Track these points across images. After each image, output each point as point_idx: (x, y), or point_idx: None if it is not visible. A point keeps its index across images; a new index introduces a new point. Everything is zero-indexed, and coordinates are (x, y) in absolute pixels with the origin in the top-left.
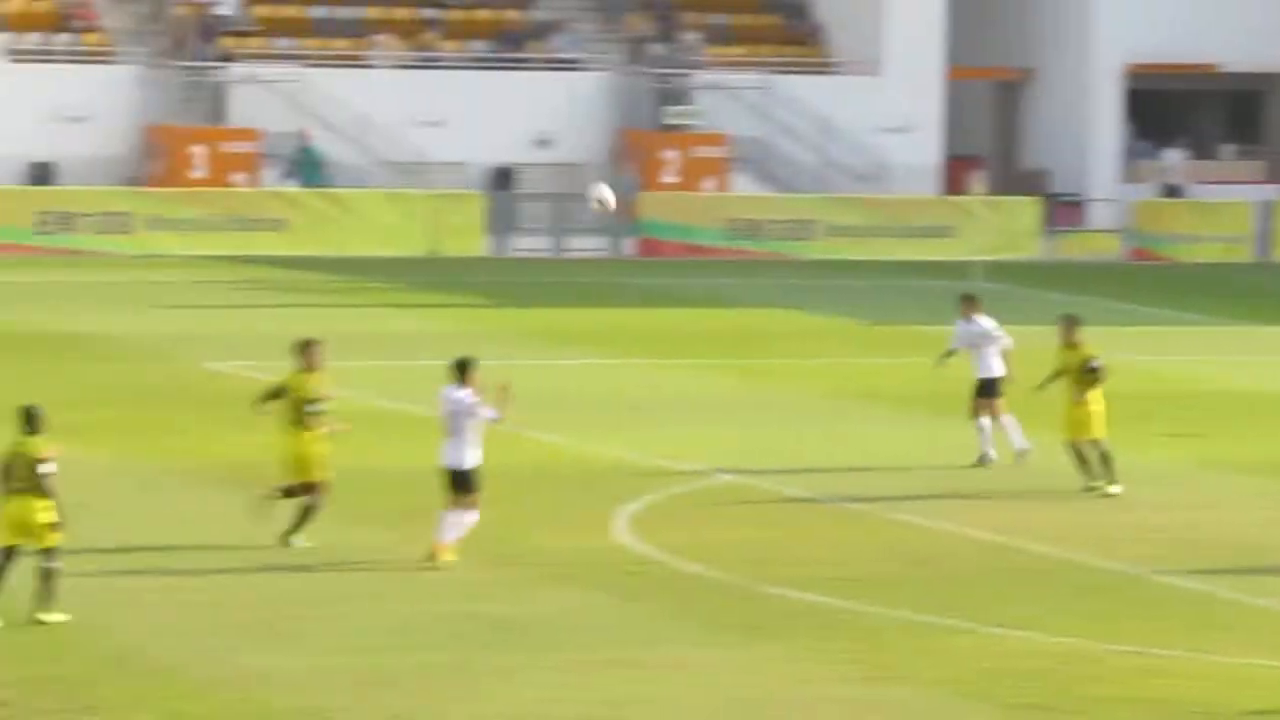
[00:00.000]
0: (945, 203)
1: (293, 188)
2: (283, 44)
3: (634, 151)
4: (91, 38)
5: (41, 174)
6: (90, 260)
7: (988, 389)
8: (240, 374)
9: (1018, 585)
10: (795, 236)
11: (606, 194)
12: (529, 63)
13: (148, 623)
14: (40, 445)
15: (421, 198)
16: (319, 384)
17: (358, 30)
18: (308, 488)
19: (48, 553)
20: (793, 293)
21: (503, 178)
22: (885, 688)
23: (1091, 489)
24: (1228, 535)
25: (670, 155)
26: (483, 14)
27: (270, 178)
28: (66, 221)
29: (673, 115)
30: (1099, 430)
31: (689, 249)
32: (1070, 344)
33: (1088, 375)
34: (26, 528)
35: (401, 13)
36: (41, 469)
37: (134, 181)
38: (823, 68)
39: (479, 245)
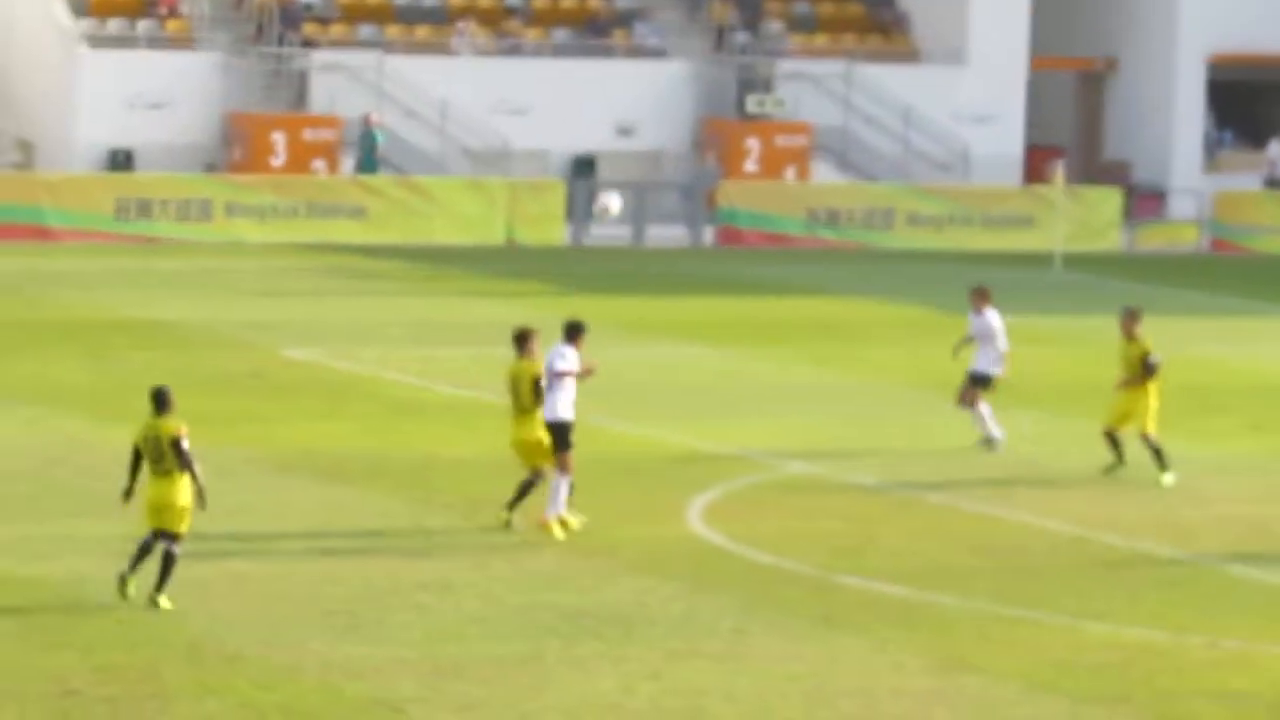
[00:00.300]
0: (1026, 193)
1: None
2: (365, 31)
3: (715, 140)
4: (173, 24)
5: (121, 161)
6: (169, 247)
7: (979, 381)
8: (319, 362)
9: (1092, 577)
10: (876, 226)
11: (613, 202)
12: (612, 51)
13: (220, 611)
14: (172, 424)
15: (501, 185)
16: (535, 369)
17: (440, 17)
18: (535, 472)
19: (174, 537)
20: (872, 282)
21: (584, 166)
22: (958, 678)
23: (1112, 470)
24: None
25: (752, 144)
26: (566, 1)
27: (348, 165)
28: (146, 208)
29: (755, 104)
30: (1151, 425)
31: (769, 238)
32: (1130, 336)
33: (1146, 370)
34: (165, 511)
35: (484, 0)
36: (180, 445)
37: (214, 168)
38: (906, 56)
39: (559, 233)
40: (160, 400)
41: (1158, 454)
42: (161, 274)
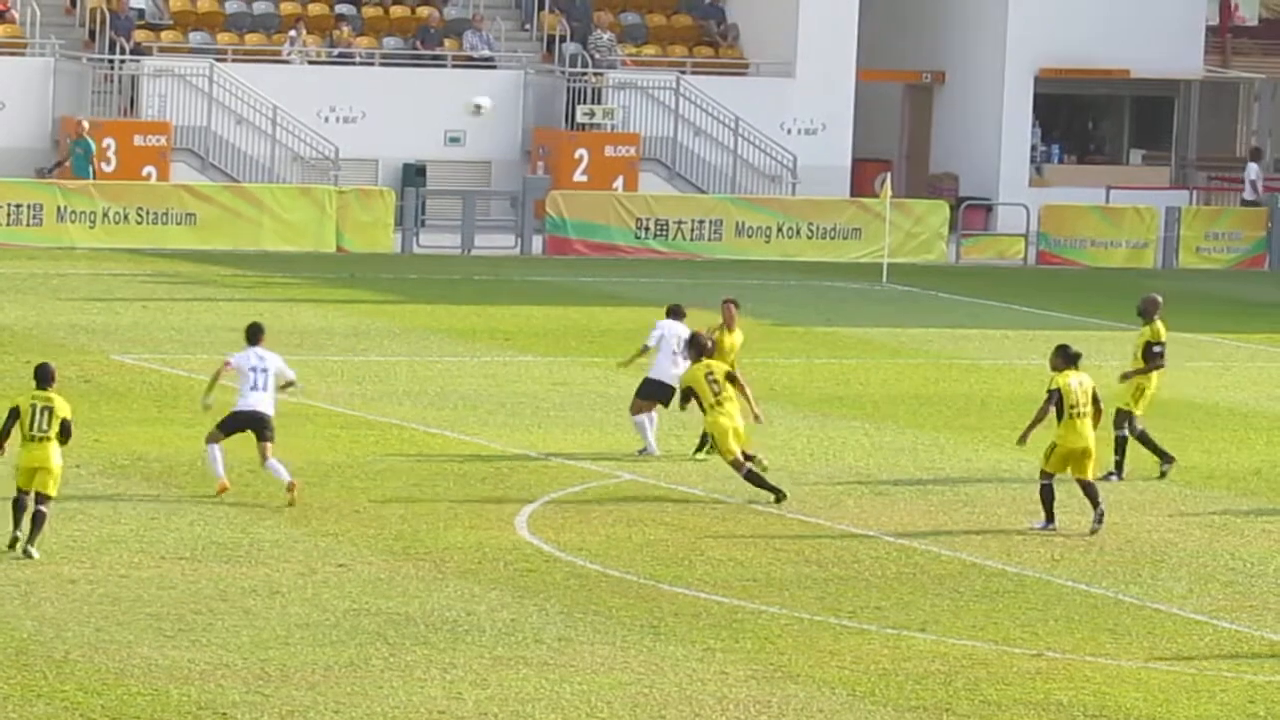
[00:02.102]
0: (854, 204)
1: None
2: (196, 38)
3: (545, 150)
4: (4, 28)
5: None
6: (0, 251)
7: (656, 391)
8: (149, 367)
9: (917, 587)
10: (705, 236)
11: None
12: (442, 60)
13: (48, 615)
14: (64, 404)
15: (331, 193)
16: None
17: (272, 25)
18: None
19: (46, 499)
20: (700, 292)
21: (414, 174)
22: (783, 687)
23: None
24: (1133, 538)
25: (581, 153)
26: (397, 10)
27: (179, 172)
28: None
29: (584, 114)
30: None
31: (597, 247)
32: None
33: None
34: (40, 474)
35: (316, 8)
36: (68, 424)
37: (44, 173)
38: (735, 68)
39: (388, 241)
40: (43, 375)
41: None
42: None
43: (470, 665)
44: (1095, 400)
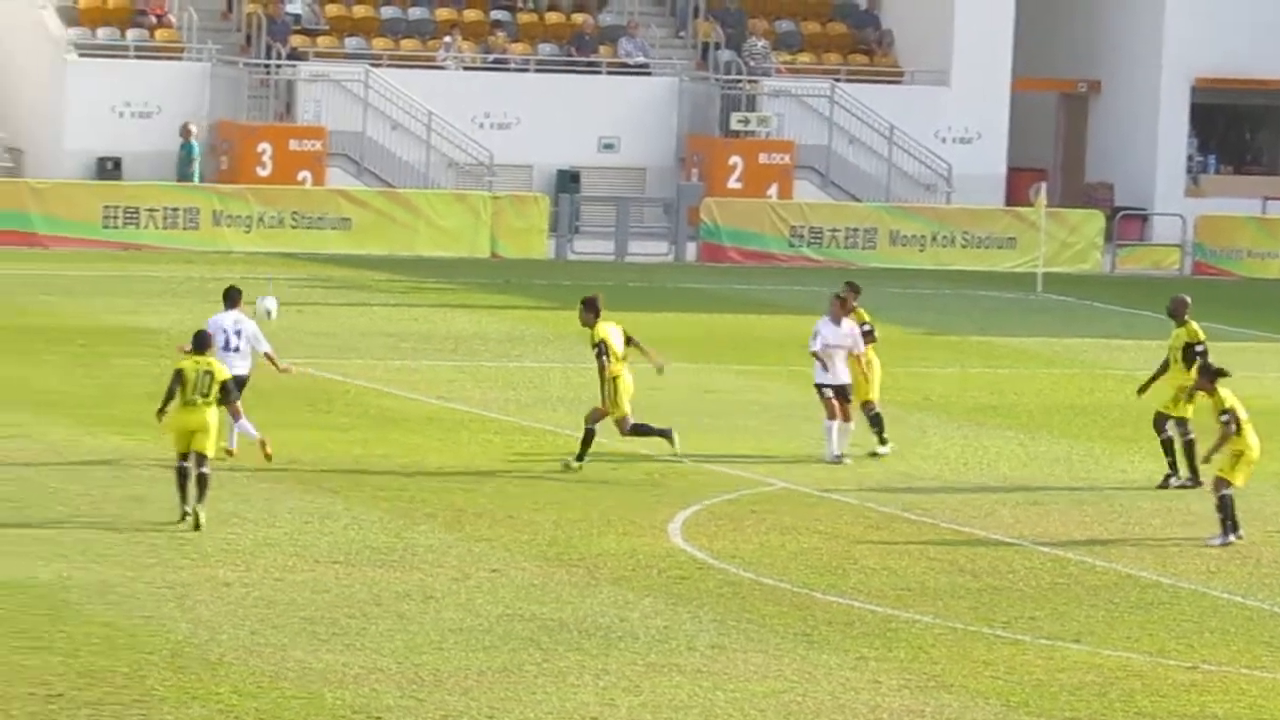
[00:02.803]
0: (1009, 214)
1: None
2: (352, 43)
3: (699, 157)
4: (162, 33)
5: (109, 168)
6: (156, 255)
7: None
8: (303, 371)
9: (1072, 598)
10: (858, 244)
11: (272, 306)
12: (597, 66)
13: (203, 618)
14: (223, 369)
15: (486, 199)
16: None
17: (427, 31)
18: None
19: (205, 458)
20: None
21: (568, 180)
22: (936, 697)
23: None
24: None
25: (735, 161)
26: (552, 17)
27: (334, 176)
28: (133, 216)
29: (739, 121)
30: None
31: (751, 255)
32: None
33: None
34: (197, 434)
35: (471, 14)
36: (228, 386)
37: (202, 177)
38: (890, 76)
39: (542, 247)
40: (201, 342)
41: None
42: (147, 282)
43: (623, 672)
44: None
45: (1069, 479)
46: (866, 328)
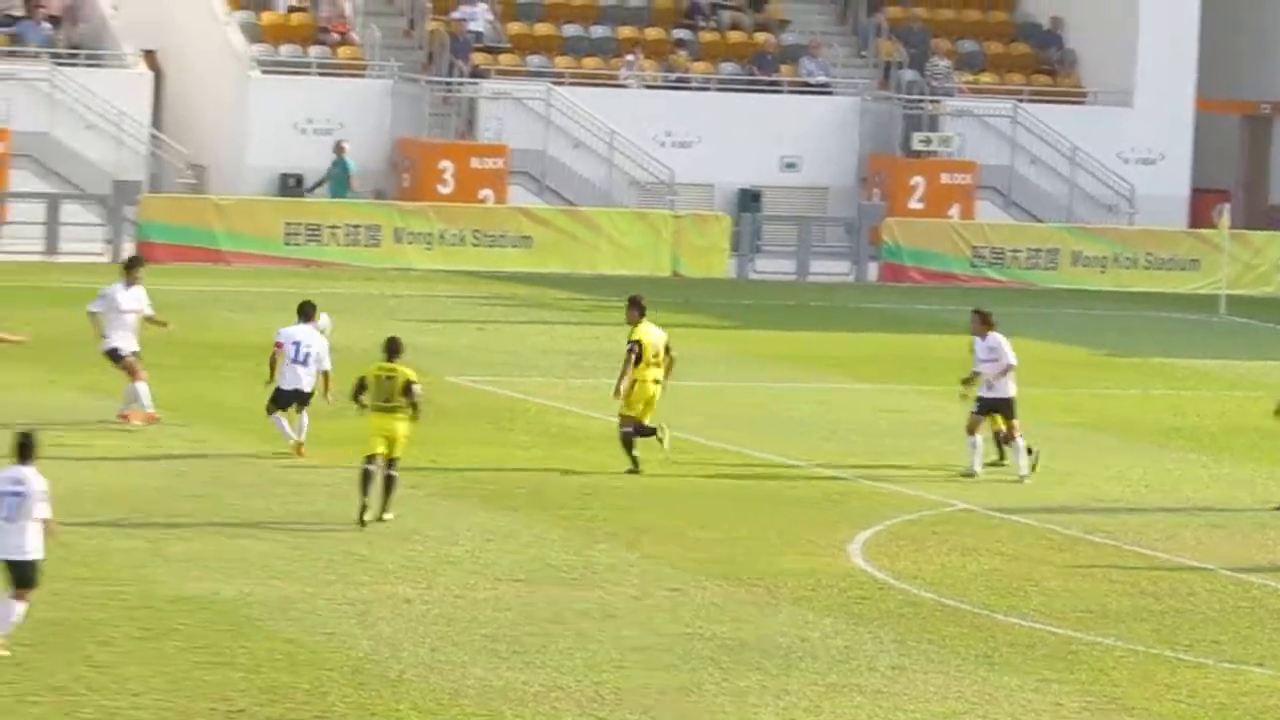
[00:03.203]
0: (1191, 235)
1: (331, 198)
2: (535, 61)
3: (880, 176)
4: (344, 50)
5: (292, 185)
6: (337, 272)
7: (995, 407)
8: (484, 389)
9: (1255, 622)
10: (1039, 265)
11: (326, 324)
12: (779, 86)
13: (384, 635)
14: (407, 370)
15: (667, 218)
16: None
17: (609, 49)
18: None
19: (394, 462)
20: (1034, 321)
21: (749, 199)
22: (1117, 719)
23: None
24: None
25: (917, 181)
26: (735, 36)
27: (515, 194)
28: (315, 233)
29: (920, 141)
30: None
31: (932, 275)
32: None
33: None
34: (391, 440)
35: (653, 33)
36: (413, 388)
37: (382, 194)
38: (1073, 97)
39: (723, 266)
40: (393, 348)
41: None
42: (328, 299)
43: (804, 692)
44: None
45: (1252, 501)
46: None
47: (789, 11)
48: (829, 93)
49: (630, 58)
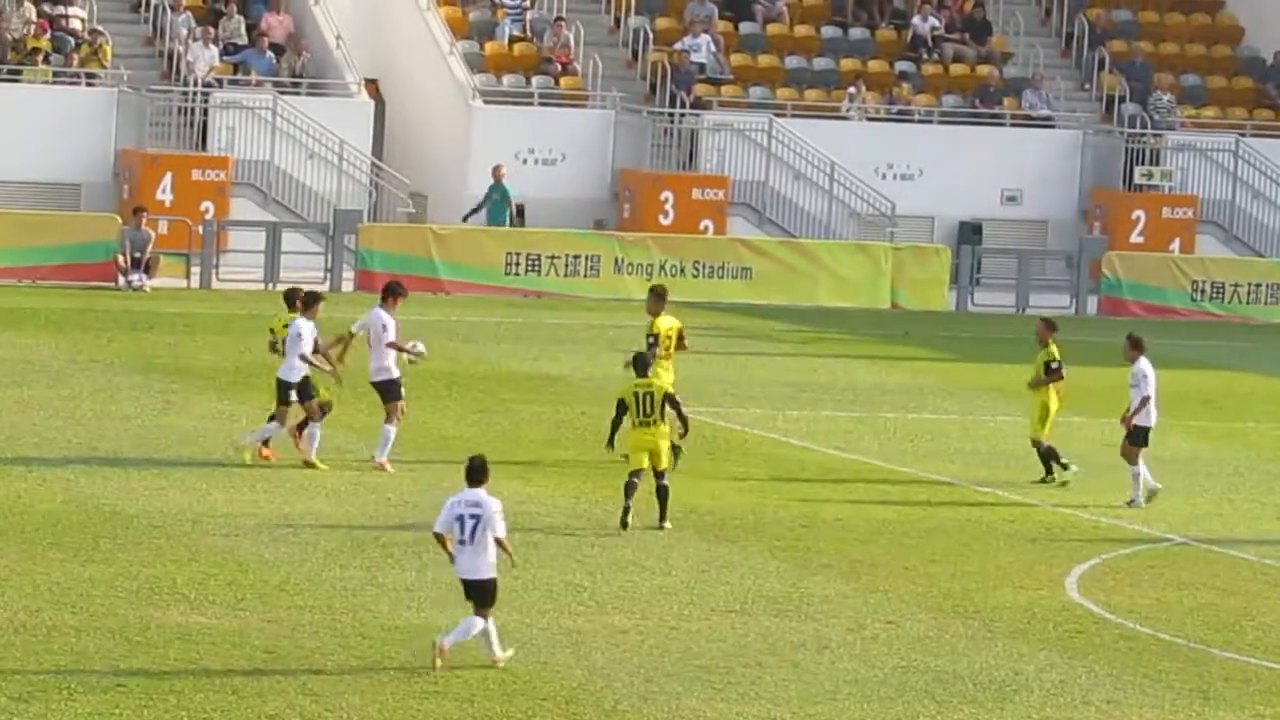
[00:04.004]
0: None
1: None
2: (756, 93)
3: (1102, 210)
4: (566, 81)
5: (514, 215)
6: (556, 302)
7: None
8: (702, 419)
9: None
10: (1261, 300)
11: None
12: (1001, 118)
13: (598, 665)
14: (663, 382)
15: (887, 250)
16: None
17: (831, 81)
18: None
19: (663, 473)
20: (1254, 356)
21: (970, 232)
22: None
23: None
24: None
25: (1138, 215)
26: (957, 68)
27: (736, 225)
28: (535, 263)
29: (1143, 175)
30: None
31: (1152, 309)
32: (1043, 344)
33: (1048, 374)
34: (654, 453)
35: (876, 65)
36: (674, 398)
37: (603, 225)
38: None
39: (943, 299)
40: (642, 363)
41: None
42: (548, 328)
43: None
44: None
45: None
46: (1055, 365)
47: (1012, 44)
48: (1051, 126)
49: (852, 90)
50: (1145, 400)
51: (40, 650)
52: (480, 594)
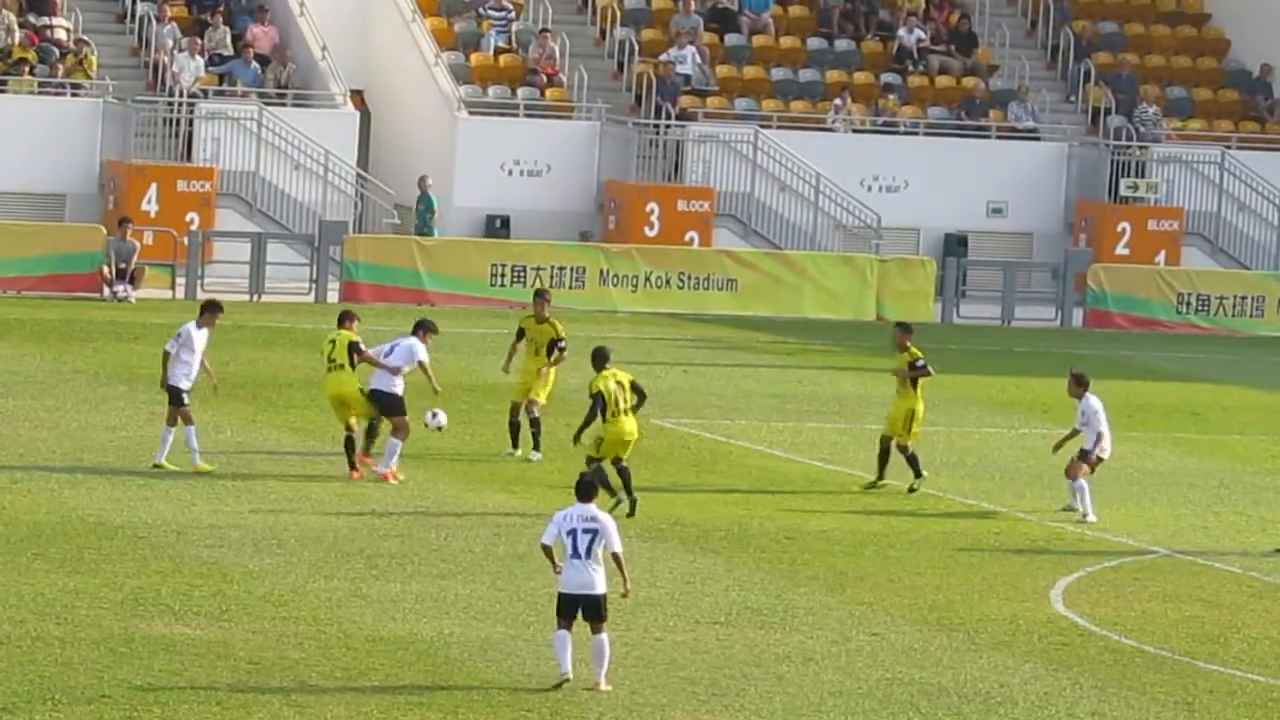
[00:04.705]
0: None
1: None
2: (742, 104)
3: (1087, 222)
4: (552, 92)
5: (498, 226)
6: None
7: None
8: (687, 431)
9: None
10: (1246, 312)
11: (442, 419)
12: (986, 131)
13: (582, 677)
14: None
15: (872, 262)
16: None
17: (817, 93)
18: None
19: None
20: (1242, 369)
21: (955, 244)
22: None
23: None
24: None
25: (1123, 227)
26: (942, 80)
27: (721, 237)
28: (520, 274)
29: (1128, 187)
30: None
31: (1138, 321)
32: (902, 348)
33: (913, 371)
34: (624, 445)
35: (861, 77)
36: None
37: (588, 236)
38: None
39: (928, 311)
40: (601, 356)
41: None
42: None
43: None
44: None
45: None
46: (921, 362)
47: (998, 56)
48: (1037, 138)
49: (838, 101)
50: (1100, 436)
51: (25, 661)
52: (594, 609)
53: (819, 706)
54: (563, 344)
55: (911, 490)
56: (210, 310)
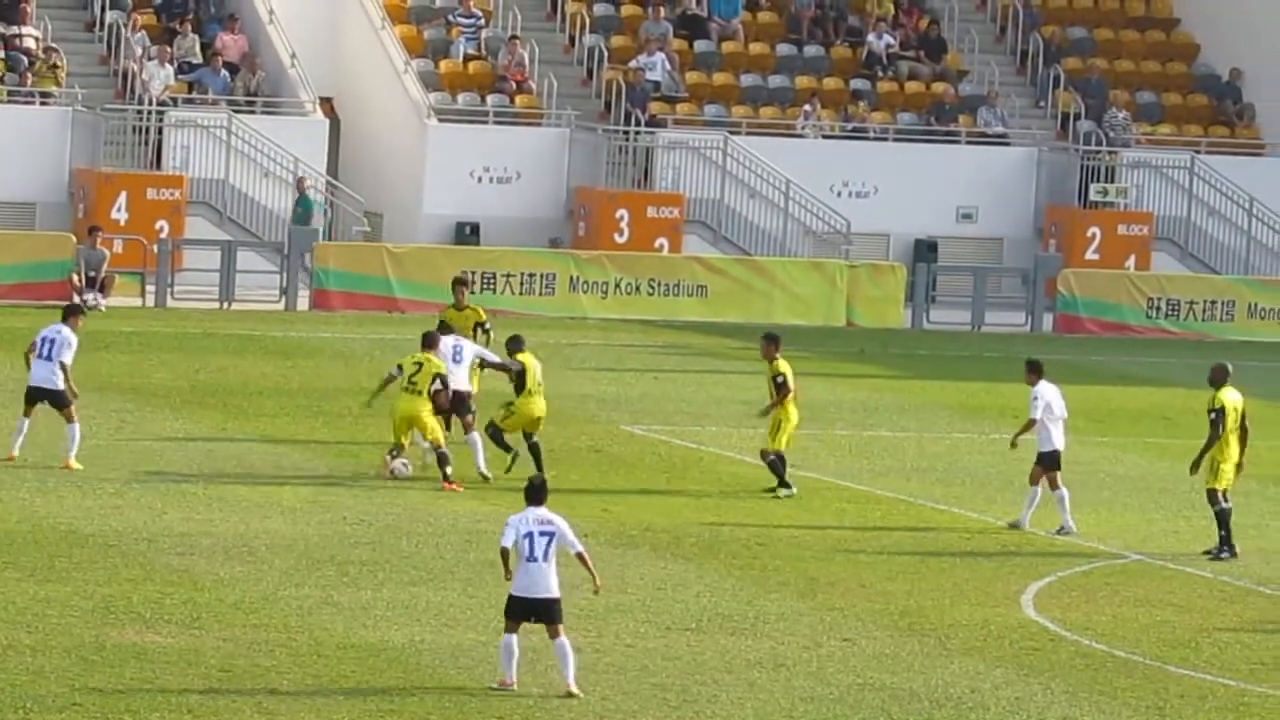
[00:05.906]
0: None
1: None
2: (711, 110)
3: (1057, 227)
4: (521, 99)
5: (467, 233)
6: (512, 321)
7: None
8: (658, 438)
9: None
10: (1216, 317)
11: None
12: (956, 136)
13: (554, 684)
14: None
15: (842, 268)
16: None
17: (786, 99)
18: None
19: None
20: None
21: (925, 250)
22: None
23: None
24: None
25: (1093, 232)
26: (912, 86)
27: (691, 244)
28: (490, 281)
29: (1098, 192)
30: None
31: (1108, 326)
32: (769, 359)
33: (778, 390)
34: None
35: (831, 83)
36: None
37: (558, 243)
38: (1251, 148)
39: (898, 316)
40: (517, 340)
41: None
42: (503, 348)
43: None
44: None
45: None
46: (781, 379)
47: (967, 62)
48: (1006, 143)
49: (807, 108)
50: (1031, 423)
51: None
52: (547, 613)
53: (790, 712)
54: (487, 325)
55: (770, 490)
56: (73, 313)
